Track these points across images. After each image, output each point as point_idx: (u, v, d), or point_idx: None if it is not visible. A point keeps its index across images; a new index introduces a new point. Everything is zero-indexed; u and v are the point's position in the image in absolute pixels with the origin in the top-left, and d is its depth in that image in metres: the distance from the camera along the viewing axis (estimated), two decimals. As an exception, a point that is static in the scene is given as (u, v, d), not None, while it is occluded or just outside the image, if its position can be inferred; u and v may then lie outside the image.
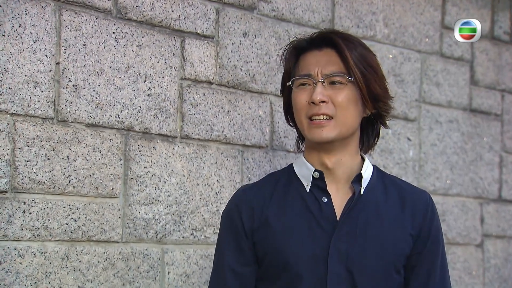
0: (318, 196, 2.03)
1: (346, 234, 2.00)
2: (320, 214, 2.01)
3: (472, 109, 3.70)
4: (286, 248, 2.01)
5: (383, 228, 2.02)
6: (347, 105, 2.02)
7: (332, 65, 2.04)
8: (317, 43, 2.09)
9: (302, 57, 2.10)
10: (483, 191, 3.72)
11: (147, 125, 2.64)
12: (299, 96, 2.05)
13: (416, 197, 2.09)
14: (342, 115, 2.01)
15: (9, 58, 2.34)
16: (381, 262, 2.00)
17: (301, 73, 2.06)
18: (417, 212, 2.06)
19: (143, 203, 2.62)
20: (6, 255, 2.33)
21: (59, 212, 2.44)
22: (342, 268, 1.97)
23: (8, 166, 2.34)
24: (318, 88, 2.01)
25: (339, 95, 2.01)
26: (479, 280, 3.68)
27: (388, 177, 2.13)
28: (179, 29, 2.73)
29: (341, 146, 2.04)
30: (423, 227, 2.05)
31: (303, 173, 2.07)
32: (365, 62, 2.05)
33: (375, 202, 2.04)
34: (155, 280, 2.63)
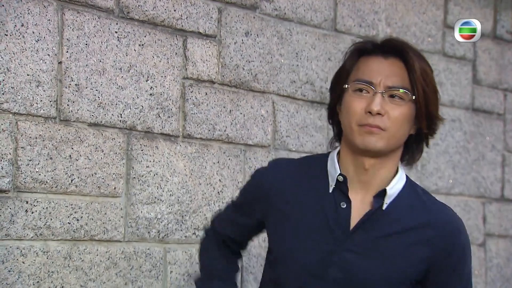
0: (338, 200, 1.98)
1: (355, 244, 1.96)
2: (334, 219, 1.97)
3: (475, 108, 3.70)
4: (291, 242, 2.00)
5: (396, 249, 1.96)
6: (401, 122, 1.96)
7: (396, 77, 1.96)
8: (383, 50, 2.00)
9: (364, 60, 2.01)
10: (485, 190, 3.72)
11: (149, 125, 2.64)
12: (356, 103, 1.97)
13: (441, 219, 2.00)
14: (394, 130, 1.96)
15: (11, 58, 2.35)
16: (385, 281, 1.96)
17: (362, 78, 1.97)
18: (438, 235, 1.97)
19: (145, 203, 2.62)
20: (8, 254, 2.33)
21: (62, 212, 2.44)
22: (343, 277, 1.95)
23: (10, 166, 2.34)
24: (377, 99, 1.94)
25: (396, 111, 1.95)
26: (482, 279, 3.68)
27: (418, 194, 2.04)
28: (181, 29, 2.73)
29: (384, 156, 1.99)
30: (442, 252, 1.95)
31: (331, 172, 2.03)
32: (428, 79, 1.99)
33: (395, 220, 1.98)
34: (157, 280, 2.63)
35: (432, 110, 2.01)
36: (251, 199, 2.09)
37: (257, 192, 2.07)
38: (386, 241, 1.96)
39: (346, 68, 2.03)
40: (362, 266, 1.94)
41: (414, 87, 1.96)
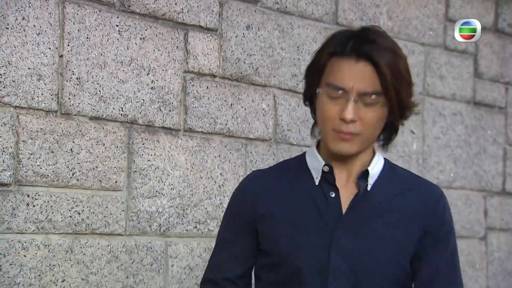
0: (326, 190, 2.02)
1: (350, 229, 1.99)
2: (326, 209, 2.01)
3: (476, 102, 3.70)
4: (288, 240, 2.01)
5: (389, 225, 2.01)
6: (375, 124, 1.98)
7: (367, 82, 1.96)
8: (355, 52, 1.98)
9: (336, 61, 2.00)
10: (486, 184, 3.72)
11: (151, 118, 2.64)
12: (329, 108, 1.98)
13: (425, 192, 2.07)
14: (367, 134, 1.98)
15: (12, 51, 2.35)
16: (386, 260, 1.99)
17: (334, 83, 1.97)
18: (427, 207, 2.04)
19: (146, 196, 2.62)
20: (10, 248, 2.34)
21: (63, 205, 2.44)
22: (345, 263, 1.96)
23: (11, 159, 2.34)
24: (349, 106, 1.95)
25: (369, 115, 1.96)
26: (483, 273, 3.68)
27: (398, 172, 2.11)
28: (183, 22, 2.73)
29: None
30: (432, 222, 2.03)
31: (314, 165, 2.05)
32: (398, 74, 1.98)
33: (382, 198, 2.03)
34: (158, 273, 2.64)
35: (405, 103, 2.03)
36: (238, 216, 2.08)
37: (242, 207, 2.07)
38: (378, 220, 2.00)
39: (319, 67, 2.04)
40: (362, 250, 1.97)
41: (386, 90, 1.97)
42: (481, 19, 3.72)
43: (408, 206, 2.03)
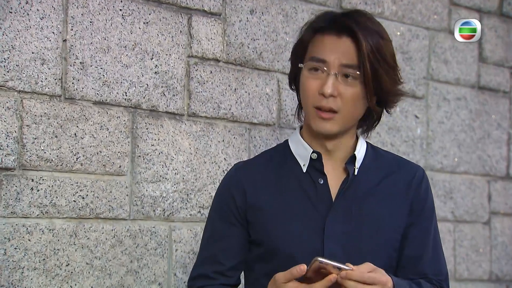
0: (314, 177, 2.03)
1: (341, 214, 2.00)
2: (316, 196, 2.02)
3: (480, 86, 3.70)
4: (280, 229, 2.01)
5: (379, 207, 2.03)
6: (354, 102, 2.00)
7: (348, 57, 1.99)
8: (337, 27, 2.02)
9: (318, 37, 2.04)
10: (490, 168, 3.72)
11: (154, 103, 2.64)
12: (310, 83, 2.01)
13: (409, 171, 2.09)
14: (346, 111, 2.00)
15: (16, 35, 2.35)
16: (378, 241, 2.00)
17: (316, 56, 2.02)
18: (411, 185, 2.07)
19: (150, 181, 2.63)
20: (14, 232, 2.35)
21: (67, 190, 2.45)
22: (339, 248, 1.98)
23: (16, 144, 2.35)
24: (330, 80, 1.98)
25: (349, 91, 1.99)
26: (486, 257, 3.69)
27: (381, 154, 2.13)
28: (186, 6, 2.73)
29: (342, 133, 2.04)
30: (417, 200, 2.07)
31: (300, 152, 2.06)
32: (380, 54, 2.00)
33: (370, 181, 2.05)
34: (162, 257, 2.65)
35: (385, 86, 2.02)
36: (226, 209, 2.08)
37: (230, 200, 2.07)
38: (368, 203, 2.03)
39: (303, 44, 2.07)
40: (354, 234, 1.99)
41: (362, 65, 1.98)
42: (485, 3, 3.71)
43: (394, 186, 2.07)
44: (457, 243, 3.57)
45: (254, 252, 2.07)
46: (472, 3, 3.65)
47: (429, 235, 2.08)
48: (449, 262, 3.53)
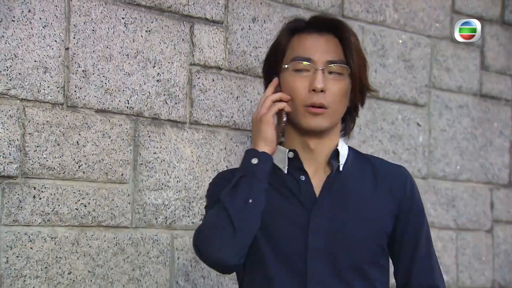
0: (296, 175, 2.05)
1: (326, 209, 2.02)
2: (300, 193, 2.04)
3: (483, 94, 3.70)
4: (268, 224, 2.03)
5: (363, 204, 2.04)
6: (341, 97, 2.04)
7: (333, 53, 2.03)
8: (317, 26, 2.06)
9: (297, 38, 2.06)
10: (493, 176, 3.72)
11: (157, 111, 2.65)
12: (297, 83, 2.03)
13: (392, 172, 2.10)
14: (335, 107, 2.03)
15: (18, 44, 2.36)
16: (362, 237, 2.02)
17: (301, 56, 2.04)
18: (395, 187, 2.07)
19: (152, 189, 2.63)
20: (16, 240, 2.35)
21: (69, 198, 2.45)
22: (323, 243, 2.00)
23: (18, 152, 2.35)
24: (319, 75, 2.00)
25: (336, 87, 2.02)
26: (489, 265, 3.69)
27: (363, 155, 2.15)
28: (188, 15, 2.74)
29: (327, 132, 2.06)
30: (403, 201, 2.07)
31: (279, 158, 2.08)
32: (360, 53, 2.06)
33: (353, 179, 2.06)
34: (164, 266, 2.65)
35: (364, 83, 2.08)
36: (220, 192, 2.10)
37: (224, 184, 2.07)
38: (353, 200, 2.05)
39: (280, 48, 2.08)
40: (338, 228, 2.01)
41: (349, 61, 2.02)
42: (487, 11, 3.72)
43: (378, 186, 2.07)
44: (459, 251, 3.57)
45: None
46: (474, 11, 3.66)
47: (421, 236, 2.09)
48: (452, 270, 3.53)
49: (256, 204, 1.97)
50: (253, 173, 1.98)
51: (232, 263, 1.96)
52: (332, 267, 1.99)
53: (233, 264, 1.97)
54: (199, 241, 1.99)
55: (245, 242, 1.96)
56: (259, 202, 1.98)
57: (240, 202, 1.96)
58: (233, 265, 1.97)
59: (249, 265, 2.06)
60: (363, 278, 2.01)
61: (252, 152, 2.02)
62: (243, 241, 1.96)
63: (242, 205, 1.96)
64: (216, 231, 1.96)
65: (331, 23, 2.06)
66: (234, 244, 1.95)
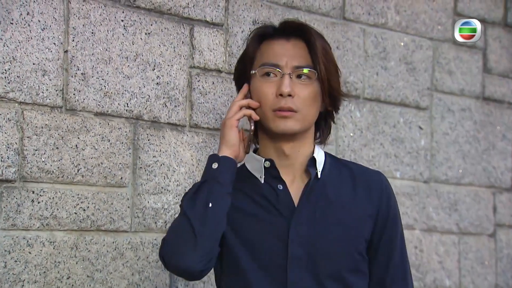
0: (273, 184, 2.06)
1: (305, 218, 2.03)
2: (278, 202, 2.04)
3: (485, 97, 3.70)
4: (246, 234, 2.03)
5: (342, 211, 2.05)
6: (311, 101, 2.05)
7: (300, 58, 2.05)
8: (285, 32, 2.08)
9: (266, 44, 2.09)
10: (495, 180, 3.72)
11: (156, 114, 2.65)
12: (265, 88, 2.05)
13: (370, 178, 2.12)
14: (305, 111, 2.04)
15: (17, 46, 2.36)
16: (342, 245, 2.03)
17: (268, 62, 2.06)
18: (373, 192, 2.09)
19: (152, 193, 2.63)
20: (15, 245, 2.35)
21: (68, 202, 2.45)
22: (303, 252, 2.01)
23: (16, 155, 2.35)
24: (286, 80, 2.03)
25: (305, 91, 2.04)
26: (492, 270, 3.68)
27: (340, 161, 2.16)
28: (188, 17, 2.74)
29: (300, 137, 2.07)
30: (381, 207, 2.08)
31: (255, 167, 2.09)
32: (328, 57, 2.07)
33: (331, 186, 2.07)
34: (164, 270, 2.65)
35: (334, 86, 2.09)
36: None
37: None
38: (331, 207, 2.06)
39: (249, 55, 2.11)
40: (318, 236, 2.02)
41: (316, 65, 2.04)
42: (490, 13, 3.72)
43: (356, 192, 2.08)
44: (462, 256, 3.56)
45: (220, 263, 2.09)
46: (477, 14, 3.66)
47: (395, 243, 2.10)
48: (454, 275, 3.53)
49: (217, 208, 1.98)
50: (213, 178, 2.00)
51: (197, 269, 1.96)
52: (313, 276, 2.00)
53: (198, 269, 1.97)
54: (163, 250, 2.00)
55: (208, 247, 1.96)
56: (221, 206, 1.98)
57: (200, 208, 1.97)
58: (198, 270, 1.97)
59: (227, 273, 2.06)
60: (343, 286, 2.01)
61: (213, 157, 2.05)
62: (206, 247, 1.96)
63: (202, 210, 1.97)
64: (178, 238, 1.97)
65: (298, 28, 2.09)
66: (197, 251, 1.95)
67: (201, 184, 2.01)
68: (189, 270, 1.97)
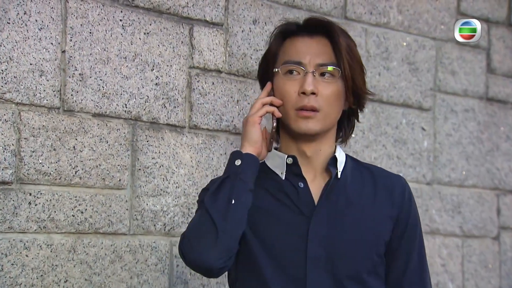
0: (294, 182, 2.06)
1: (325, 217, 2.03)
2: (298, 200, 2.05)
3: (489, 98, 3.70)
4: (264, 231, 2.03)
5: (362, 212, 2.05)
6: (334, 100, 2.05)
7: (324, 55, 2.05)
8: (308, 29, 2.08)
9: (289, 42, 2.09)
10: (499, 182, 3.72)
11: (155, 115, 2.65)
12: (288, 86, 2.05)
13: (391, 181, 2.12)
14: (328, 109, 2.04)
15: (14, 46, 2.35)
16: (362, 246, 2.03)
17: (291, 59, 2.06)
18: (394, 196, 2.09)
19: (151, 195, 2.63)
20: (11, 248, 2.35)
21: (66, 204, 2.45)
22: (322, 252, 2.01)
23: (13, 157, 2.35)
24: (309, 78, 2.02)
25: (328, 89, 2.04)
26: (496, 273, 3.68)
27: (361, 163, 2.17)
28: (188, 16, 2.73)
29: (321, 137, 2.07)
30: (402, 211, 2.09)
31: (276, 164, 2.09)
32: (353, 54, 2.07)
33: (352, 186, 2.08)
34: (163, 273, 2.64)
35: (358, 84, 2.09)
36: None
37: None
38: (352, 208, 2.06)
39: (272, 52, 2.12)
40: (338, 237, 2.02)
41: (340, 62, 2.03)
42: (494, 13, 3.71)
43: (377, 195, 2.08)
44: (465, 259, 3.56)
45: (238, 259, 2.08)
46: (480, 13, 3.66)
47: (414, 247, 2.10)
48: (458, 278, 3.52)
49: (240, 204, 1.98)
50: (236, 174, 2.00)
51: (217, 266, 1.96)
52: (332, 276, 2.00)
53: (218, 267, 1.96)
54: (183, 246, 2.00)
55: (229, 244, 1.96)
56: (243, 202, 1.98)
57: (222, 203, 1.97)
58: (217, 268, 1.97)
59: (242, 271, 2.06)
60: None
61: (236, 154, 2.05)
62: (227, 243, 1.95)
63: (224, 206, 1.97)
64: (199, 234, 1.97)
65: (322, 25, 2.08)
66: (217, 247, 1.95)
67: (223, 180, 2.01)
68: (208, 267, 1.96)
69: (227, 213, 1.96)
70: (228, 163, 2.04)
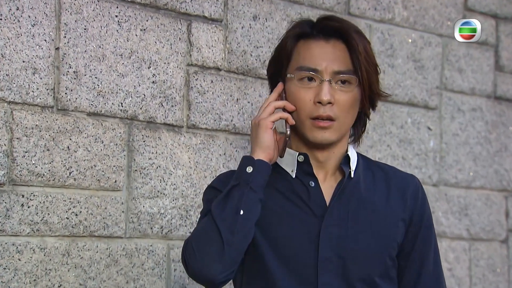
0: (304, 181, 2.06)
1: (337, 219, 2.03)
2: (309, 199, 2.04)
3: (497, 96, 3.70)
4: (274, 232, 2.03)
5: (375, 213, 2.06)
6: (349, 108, 2.05)
7: (340, 62, 2.03)
8: (323, 32, 2.06)
9: (304, 44, 2.06)
10: (508, 183, 3.72)
11: (152, 114, 2.65)
12: (303, 94, 2.04)
13: (404, 181, 2.12)
14: (343, 118, 2.04)
15: (6, 43, 2.36)
16: (374, 247, 2.03)
17: (306, 66, 2.03)
18: (408, 196, 2.09)
19: (147, 197, 2.63)
20: (4, 251, 2.35)
21: (59, 206, 2.45)
22: (334, 253, 2.01)
23: (5, 157, 2.35)
24: (325, 87, 2.01)
25: (345, 97, 2.03)
26: (504, 277, 3.68)
27: (373, 162, 2.17)
28: (186, 12, 2.74)
29: (335, 143, 2.07)
30: (415, 211, 2.09)
31: (287, 161, 2.09)
32: (370, 59, 2.05)
33: (364, 187, 2.08)
34: (160, 278, 2.65)
35: (375, 90, 2.09)
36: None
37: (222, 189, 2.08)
38: (364, 208, 2.06)
39: (285, 53, 2.09)
40: (349, 239, 2.02)
41: (358, 70, 2.02)
42: (502, 8, 3.72)
43: (390, 195, 2.09)
44: (473, 263, 3.57)
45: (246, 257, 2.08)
46: (488, 9, 3.66)
47: (429, 249, 2.10)
48: (465, 283, 3.53)
49: (248, 216, 1.97)
50: (246, 182, 1.98)
51: (219, 279, 1.96)
52: (344, 279, 2.00)
53: (220, 280, 1.96)
54: (187, 255, 2.00)
55: (234, 257, 1.95)
56: (252, 213, 1.97)
57: (230, 214, 1.96)
58: (220, 281, 1.97)
59: (250, 273, 2.06)
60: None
61: (247, 160, 2.03)
62: (232, 256, 1.95)
63: (232, 217, 1.96)
64: (203, 244, 1.96)
65: (339, 28, 2.05)
66: (222, 259, 1.94)
67: (232, 188, 2.00)
68: (210, 280, 1.96)
69: (235, 226, 1.95)
70: (238, 169, 2.02)
